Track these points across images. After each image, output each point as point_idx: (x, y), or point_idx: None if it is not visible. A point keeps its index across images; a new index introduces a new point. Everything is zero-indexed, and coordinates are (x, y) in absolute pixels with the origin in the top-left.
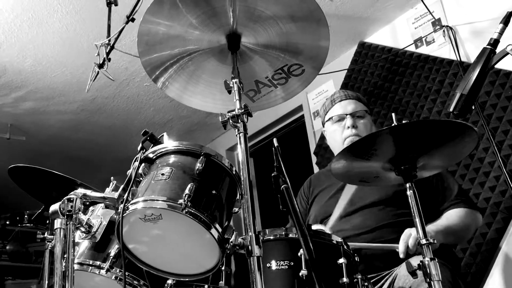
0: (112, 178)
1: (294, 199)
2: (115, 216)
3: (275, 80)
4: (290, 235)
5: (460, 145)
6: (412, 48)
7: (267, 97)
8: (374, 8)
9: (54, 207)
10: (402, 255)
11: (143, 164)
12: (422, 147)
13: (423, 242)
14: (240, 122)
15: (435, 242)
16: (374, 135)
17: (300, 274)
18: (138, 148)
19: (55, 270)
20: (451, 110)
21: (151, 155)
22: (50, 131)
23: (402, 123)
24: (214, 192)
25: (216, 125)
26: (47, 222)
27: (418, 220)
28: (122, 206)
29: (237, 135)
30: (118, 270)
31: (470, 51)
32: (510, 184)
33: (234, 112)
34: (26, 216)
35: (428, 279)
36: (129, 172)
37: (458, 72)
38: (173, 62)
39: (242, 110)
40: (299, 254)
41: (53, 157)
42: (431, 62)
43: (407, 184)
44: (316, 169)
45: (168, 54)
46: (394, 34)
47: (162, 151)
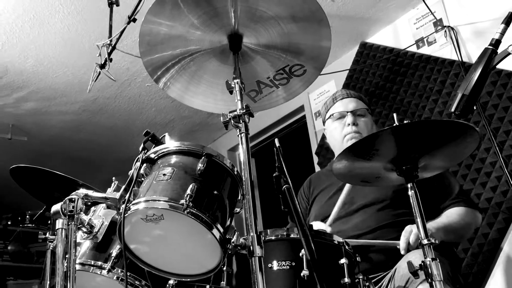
0: (113, 178)
1: (296, 199)
2: (117, 216)
3: (277, 80)
4: (292, 236)
5: (461, 145)
6: (413, 48)
7: (269, 97)
8: (375, 8)
9: (56, 208)
10: (403, 252)
11: (145, 164)
12: (423, 148)
13: (425, 242)
14: (241, 122)
15: (437, 242)
16: (376, 136)
17: (301, 274)
18: (140, 148)
19: (57, 270)
20: (453, 110)
21: (153, 156)
22: (51, 132)
23: (403, 123)
24: (215, 192)
25: (217, 125)
26: (49, 222)
27: (419, 220)
28: (123, 206)
29: (238, 136)
30: (119, 271)
31: (472, 52)
32: None
33: (235, 112)
34: (27, 216)
35: (429, 279)
36: (130, 172)
37: (459, 72)
38: (174, 63)
39: (244, 111)
40: (301, 254)
41: (54, 157)
42: (433, 62)
43: (409, 184)
44: (317, 169)
45: (169, 55)
46: (396, 34)
47: (163, 152)
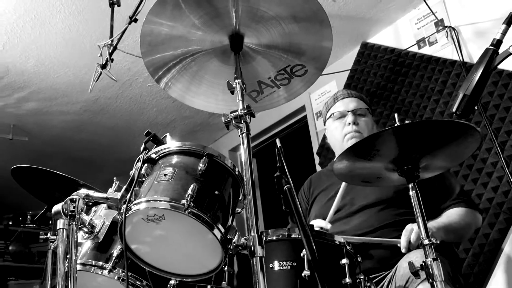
0: (114, 178)
1: (297, 200)
2: (118, 216)
3: (278, 80)
4: (293, 236)
5: (463, 145)
6: (415, 48)
7: (270, 97)
8: (377, 8)
9: (57, 208)
10: (404, 250)
11: (146, 164)
12: (425, 148)
13: (426, 242)
14: (242, 122)
15: (438, 242)
16: (377, 136)
17: (302, 274)
18: (141, 148)
19: (58, 270)
20: (454, 110)
21: (154, 156)
22: (53, 132)
23: (404, 124)
24: (216, 192)
25: (218, 125)
26: (50, 222)
27: (420, 220)
28: (124, 206)
29: (239, 136)
30: (120, 271)
31: (473, 52)
32: None
33: (236, 112)
34: (28, 216)
35: (430, 280)
36: (131, 172)
37: (460, 72)
38: (176, 63)
39: (245, 111)
40: (302, 254)
41: (55, 157)
42: (434, 62)
43: (410, 184)
44: (318, 169)
45: (171, 55)
46: (397, 34)
47: (165, 152)
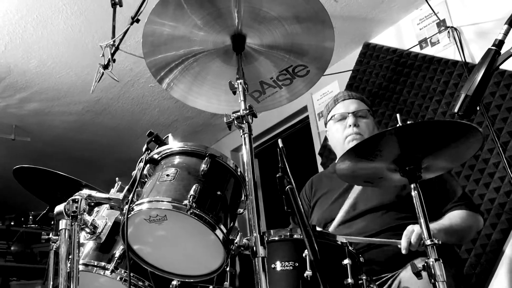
0: (117, 179)
1: (299, 200)
2: (120, 217)
3: (280, 81)
4: (295, 236)
5: (464, 146)
6: (417, 49)
7: (272, 98)
8: (379, 9)
9: (59, 208)
10: (404, 251)
11: (148, 165)
12: (427, 148)
13: (428, 242)
14: (245, 123)
15: (440, 242)
16: (379, 136)
17: (304, 275)
18: (143, 149)
19: (60, 271)
20: (456, 111)
21: (156, 156)
22: (55, 132)
23: (406, 124)
24: (219, 193)
25: (221, 126)
26: (52, 223)
27: (422, 220)
28: (127, 207)
29: (242, 136)
30: (123, 271)
31: (475, 52)
32: None
33: (239, 113)
34: (31, 217)
35: (432, 280)
36: (134, 173)
37: (463, 73)
38: (178, 63)
39: (247, 111)
40: (304, 255)
41: (57, 158)
42: (436, 63)
43: (412, 185)
44: (320, 169)
45: (173, 55)
46: (399, 35)
47: (167, 152)
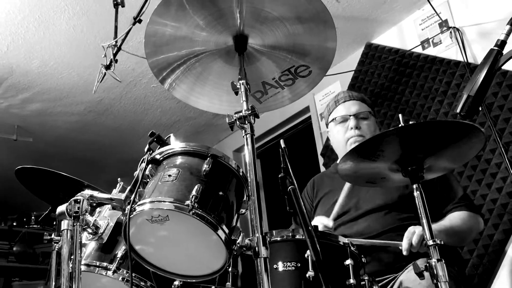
0: (119, 179)
1: (301, 200)
2: (122, 217)
3: (282, 81)
4: (297, 236)
5: (467, 146)
6: (419, 49)
7: (274, 98)
8: (381, 9)
9: (61, 208)
10: (405, 252)
11: (150, 165)
12: (429, 148)
13: (430, 243)
14: (247, 123)
15: (442, 242)
16: (381, 136)
17: (307, 275)
18: (145, 149)
19: (62, 271)
20: (458, 111)
21: (158, 156)
22: (57, 132)
23: (409, 124)
24: (221, 193)
25: (223, 126)
26: (54, 223)
27: (425, 221)
28: (129, 207)
29: (244, 136)
30: (125, 271)
31: (477, 52)
32: None
33: (241, 113)
34: (33, 217)
35: (435, 280)
36: (136, 173)
37: (465, 73)
38: (180, 63)
39: (249, 111)
40: (306, 255)
41: (59, 158)
42: (438, 63)
43: (414, 185)
44: (323, 170)
45: (175, 55)
46: (401, 35)
47: (169, 152)
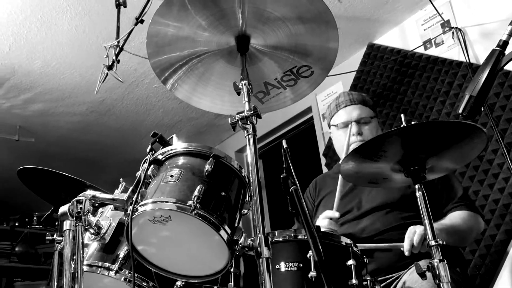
0: (121, 179)
1: (303, 201)
2: (124, 217)
3: (284, 81)
4: (299, 237)
5: (469, 146)
6: (421, 49)
7: (276, 98)
8: (383, 9)
9: (63, 209)
10: (407, 253)
11: (152, 165)
12: (431, 149)
13: (432, 243)
14: (249, 123)
15: (444, 243)
16: (383, 137)
17: (309, 275)
18: (147, 149)
19: (64, 271)
20: (460, 111)
21: (160, 157)
22: (59, 133)
23: (411, 125)
24: (223, 193)
25: (225, 126)
26: (56, 223)
27: (427, 221)
28: (131, 207)
29: (246, 137)
30: (127, 272)
31: (479, 53)
32: None
33: (243, 113)
34: (35, 217)
35: (437, 281)
36: (138, 173)
37: (467, 73)
38: (182, 64)
39: (251, 112)
40: (308, 255)
41: (62, 158)
42: (440, 63)
43: (416, 185)
44: (325, 170)
45: (177, 56)
46: (403, 35)
47: (171, 153)
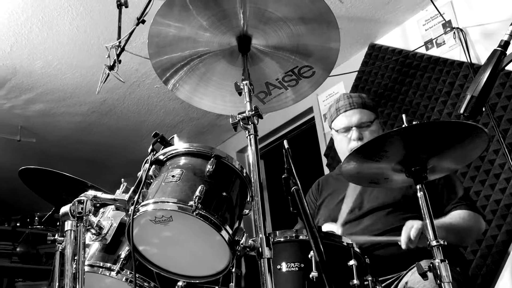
0: (122, 180)
1: (305, 201)
2: (126, 218)
3: (286, 82)
4: (301, 237)
5: (470, 146)
6: (422, 50)
7: (278, 99)
8: (384, 10)
9: (65, 209)
10: (404, 246)
11: (154, 166)
12: (432, 149)
13: (434, 243)
14: (250, 124)
15: (445, 243)
16: (385, 137)
17: (310, 276)
18: (149, 150)
19: (66, 272)
20: (462, 111)
21: (162, 157)
22: (60, 133)
23: (412, 125)
24: (224, 194)
25: (226, 127)
26: (58, 224)
27: (428, 221)
28: (132, 208)
29: (247, 137)
30: (128, 272)
31: (481, 53)
32: None
33: (244, 114)
34: (36, 218)
35: (438, 281)
36: (139, 174)
37: (468, 74)
38: (183, 64)
39: (253, 112)
40: (310, 256)
41: (63, 159)
42: (442, 64)
43: (418, 186)
44: (326, 170)
45: (178, 56)
46: (405, 36)
47: (172, 153)
